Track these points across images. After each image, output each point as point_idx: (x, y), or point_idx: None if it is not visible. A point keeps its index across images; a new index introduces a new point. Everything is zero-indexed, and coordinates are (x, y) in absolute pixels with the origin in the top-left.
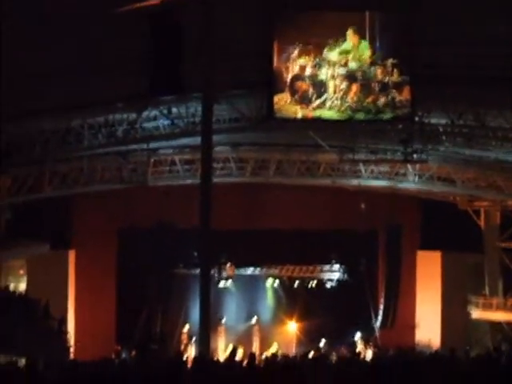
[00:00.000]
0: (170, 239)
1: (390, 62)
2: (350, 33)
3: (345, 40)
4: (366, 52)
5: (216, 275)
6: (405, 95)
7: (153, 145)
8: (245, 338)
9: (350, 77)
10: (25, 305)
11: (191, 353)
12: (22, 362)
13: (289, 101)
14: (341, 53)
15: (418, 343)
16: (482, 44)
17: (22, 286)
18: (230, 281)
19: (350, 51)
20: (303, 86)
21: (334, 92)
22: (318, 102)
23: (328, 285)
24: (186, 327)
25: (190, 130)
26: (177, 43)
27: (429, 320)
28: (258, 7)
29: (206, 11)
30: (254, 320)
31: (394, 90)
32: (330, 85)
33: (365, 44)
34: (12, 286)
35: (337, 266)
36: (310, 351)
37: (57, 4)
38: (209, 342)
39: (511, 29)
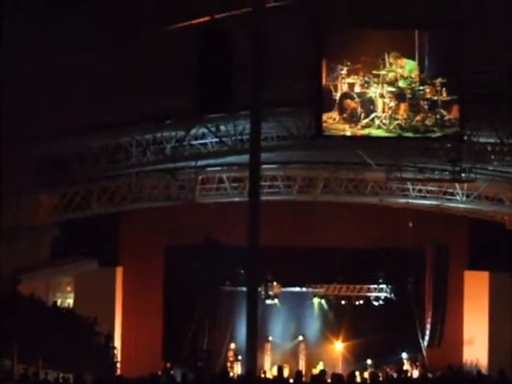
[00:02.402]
0: (217, 257)
1: (438, 80)
2: (392, 57)
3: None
4: (415, 71)
5: (263, 293)
6: (454, 114)
7: (201, 162)
8: (291, 357)
9: (399, 95)
10: (72, 321)
11: (237, 370)
12: (71, 378)
13: (337, 119)
14: (389, 71)
15: (466, 362)
16: None
17: (70, 303)
18: (276, 299)
19: (397, 71)
20: (352, 104)
21: (383, 111)
22: (366, 120)
23: (375, 303)
24: (233, 345)
25: (238, 148)
26: (226, 61)
27: (476, 340)
28: (307, 25)
29: (255, 29)
30: (300, 338)
31: (442, 109)
32: (379, 103)
33: (413, 63)
34: (59, 302)
35: (384, 285)
36: (356, 370)
37: (107, 19)
38: (255, 359)
39: None
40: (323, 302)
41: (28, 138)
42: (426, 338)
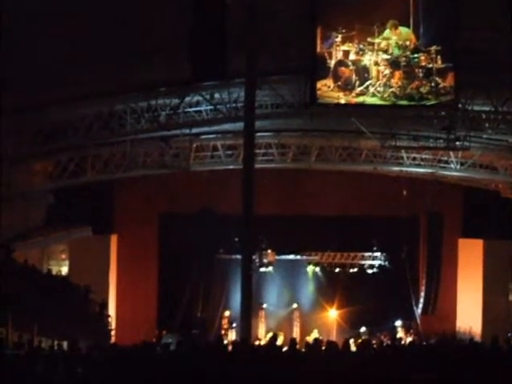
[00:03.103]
0: (212, 224)
1: (433, 48)
2: (389, 26)
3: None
4: (409, 38)
5: (257, 261)
6: (448, 82)
7: (195, 130)
8: (285, 324)
9: (394, 63)
10: (66, 289)
11: (232, 338)
12: (65, 345)
13: (332, 87)
14: (384, 39)
15: (459, 330)
16: None
17: (64, 270)
18: (270, 267)
19: (392, 38)
20: (346, 72)
21: (378, 78)
22: (361, 88)
23: (369, 271)
24: (227, 312)
25: (233, 116)
26: (220, 29)
27: (470, 308)
28: None
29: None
30: (294, 306)
31: (437, 77)
32: (374, 71)
33: (407, 31)
34: (54, 270)
35: (378, 253)
36: (350, 338)
37: None
38: (250, 327)
39: None
40: (317, 269)
41: (22, 106)
42: (420, 305)
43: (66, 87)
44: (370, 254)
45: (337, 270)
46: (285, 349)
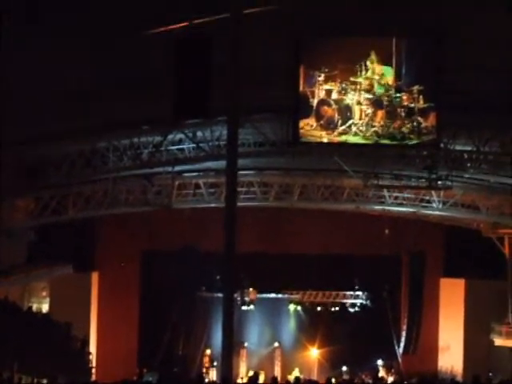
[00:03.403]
0: (194, 262)
1: (415, 88)
2: (369, 61)
3: (368, 68)
4: (391, 78)
5: (239, 299)
6: (430, 121)
7: (177, 168)
8: (266, 363)
9: (376, 102)
10: (47, 326)
11: (213, 376)
12: (45, 383)
13: (314, 126)
14: (366, 78)
15: (441, 369)
16: (509, 70)
17: (45, 308)
18: (252, 305)
19: (375, 78)
20: (329, 111)
21: (360, 117)
22: (343, 127)
23: (351, 310)
24: (208, 351)
25: (215, 154)
26: (203, 67)
27: (452, 347)
28: (284, 32)
29: (232, 35)
30: (276, 344)
31: (419, 117)
32: (356, 110)
33: (390, 70)
34: (35, 308)
35: (360, 292)
36: (332, 377)
37: (82, 22)
38: (231, 365)
39: None
40: (299, 308)
41: (4, 143)
42: (402, 344)
43: (47, 124)
44: (351, 292)
45: (318, 308)
46: None
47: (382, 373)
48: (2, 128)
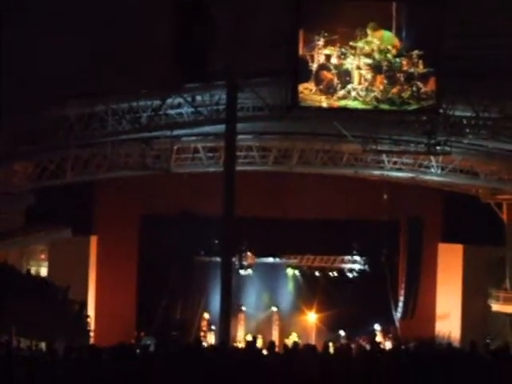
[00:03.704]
0: (192, 226)
1: (415, 53)
2: (370, 28)
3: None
4: (392, 42)
5: (237, 263)
6: (430, 87)
7: (176, 132)
8: (264, 327)
9: (376, 67)
10: (45, 289)
11: (211, 340)
12: (43, 346)
13: (313, 90)
14: (366, 43)
15: (438, 335)
16: (509, 37)
17: (44, 271)
18: (250, 269)
19: (374, 42)
20: (328, 75)
21: (359, 82)
22: (342, 92)
23: (349, 275)
24: (206, 315)
25: (214, 118)
26: (203, 31)
27: (449, 312)
28: None
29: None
30: (273, 309)
31: (419, 82)
32: (356, 75)
33: (389, 35)
34: (33, 271)
35: (358, 257)
36: (329, 341)
37: None
38: (229, 329)
39: None
40: (297, 272)
41: (1, 107)
42: (399, 309)
43: (46, 88)
44: (349, 257)
45: (316, 273)
46: (264, 351)
47: (379, 338)
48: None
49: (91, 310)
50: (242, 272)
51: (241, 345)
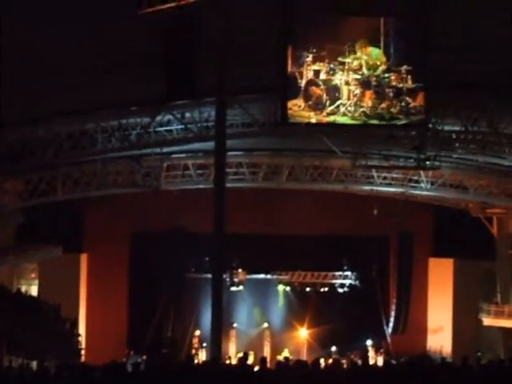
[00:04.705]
0: (183, 244)
1: (404, 68)
2: (358, 45)
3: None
4: (380, 58)
5: (228, 280)
6: (419, 102)
7: (166, 149)
8: (256, 343)
9: (364, 83)
10: (36, 307)
11: (202, 357)
12: (34, 364)
13: (302, 106)
14: (355, 59)
15: (430, 349)
16: (496, 51)
17: (34, 289)
18: (241, 286)
19: (363, 58)
20: (317, 91)
21: (348, 98)
22: (331, 107)
23: (340, 290)
24: (197, 332)
25: (203, 135)
26: (192, 48)
27: (440, 327)
28: (273, 13)
29: (221, 16)
30: (265, 325)
31: (407, 97)
32: (344, 90)
33: (378, 52)
34: (24, 289)
35: (348, 272)
36: (321, 357)
37: (72, 5)
38: (220, 346)
39: None
40: (288, 289)
41: None
42: (391, 324)
43: (37, 104)
44: (340, 273)
45: (307, 289)
46: (256, 368)
47: (371, 353)
48: None
49: (82, 328)
50: (233, 288)
51: (233, 361)
